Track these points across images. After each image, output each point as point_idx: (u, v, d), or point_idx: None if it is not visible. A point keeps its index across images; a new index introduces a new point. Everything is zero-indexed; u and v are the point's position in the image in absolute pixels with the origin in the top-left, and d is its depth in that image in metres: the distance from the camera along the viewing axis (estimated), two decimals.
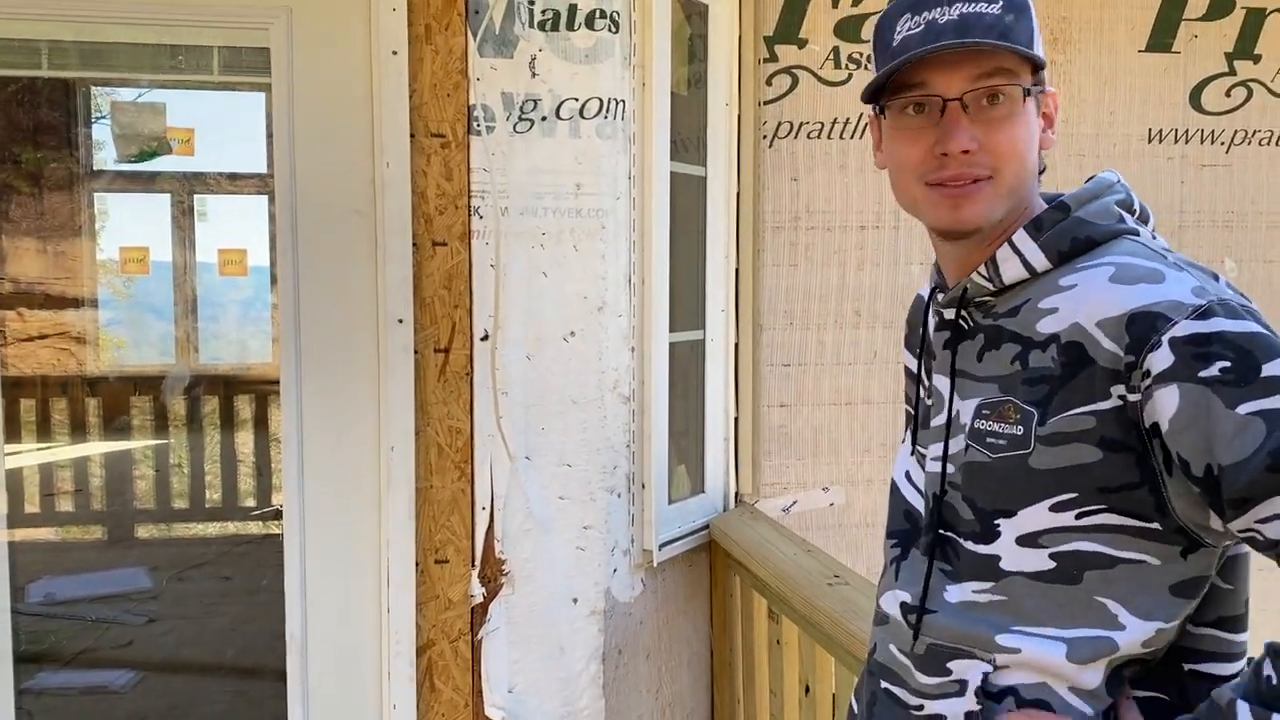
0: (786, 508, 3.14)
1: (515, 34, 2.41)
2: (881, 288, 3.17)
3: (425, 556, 2.45)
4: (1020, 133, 1.09)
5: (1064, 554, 1.06)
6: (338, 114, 2.41)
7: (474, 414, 2.45)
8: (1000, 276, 1.11)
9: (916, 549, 1.21)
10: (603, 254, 2.51)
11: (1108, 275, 1.03)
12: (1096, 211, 1.10)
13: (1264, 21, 3.33)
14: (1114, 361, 1.00)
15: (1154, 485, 1.01)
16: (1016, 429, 1.07)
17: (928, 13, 1.08)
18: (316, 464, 2.46)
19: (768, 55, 3.04)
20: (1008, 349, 1.10)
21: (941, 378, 1.18)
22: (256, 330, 8.82)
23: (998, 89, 1.07)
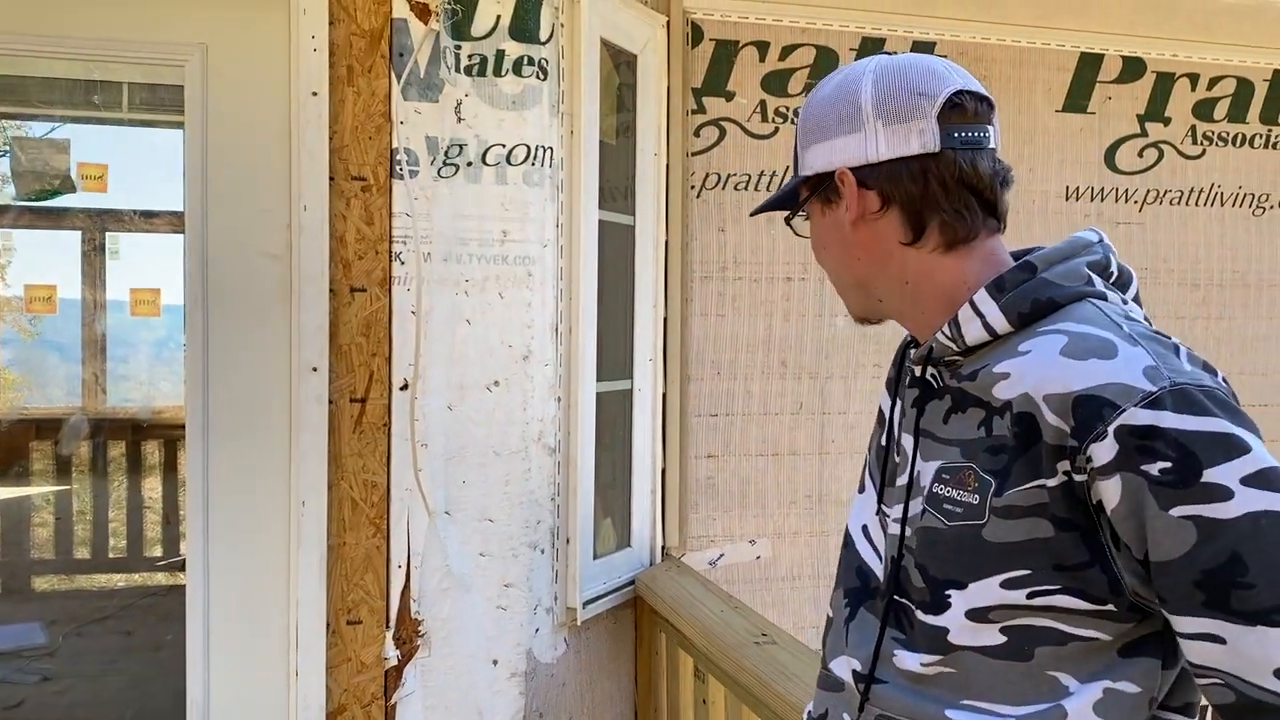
0: (714, 561, 3.09)
1: (441, 78, 2.36)
2: (807, 339, 3.17)
3: (337, 617, 2.34)
4: (816, 246, 1.21)
5: (1015, 629, 1.02)
6: (254, 154, 2.33)
7: (391, 467, 2.36)
8: (963, 337, 1.08)
9: (867, 610, 1.17)
10: (529, 302, 2.45)
11: (1059, 346, 0.99)
12: (1063, 273, 1.06)
13: (1172, 86, 3.44)
14: (1059, 439, 0.96)
15: (1105, 564, 0.97)
16: (973, 498, 1.03)
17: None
18: (223, 518, 2.34)
19: (695, 107, 3.04)
20: (973, 413, 1.06)
21: (907, 436, 1.15)
22: (169, 372, 8.54)
23: (789, 222, 1.23)
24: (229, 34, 2.32)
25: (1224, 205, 3.52)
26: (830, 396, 3.18)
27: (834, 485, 3.20)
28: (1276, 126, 3.55)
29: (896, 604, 1.12)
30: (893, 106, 1.09)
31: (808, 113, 1.17)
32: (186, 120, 2.32)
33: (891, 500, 1.16)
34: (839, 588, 1.26)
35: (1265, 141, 3.54)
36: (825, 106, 1.14)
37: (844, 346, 3.19)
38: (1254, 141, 3.54)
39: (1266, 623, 0.87)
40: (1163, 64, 3.42)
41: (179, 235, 7.76)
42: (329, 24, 2.28)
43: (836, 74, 1.17)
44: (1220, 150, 3.50)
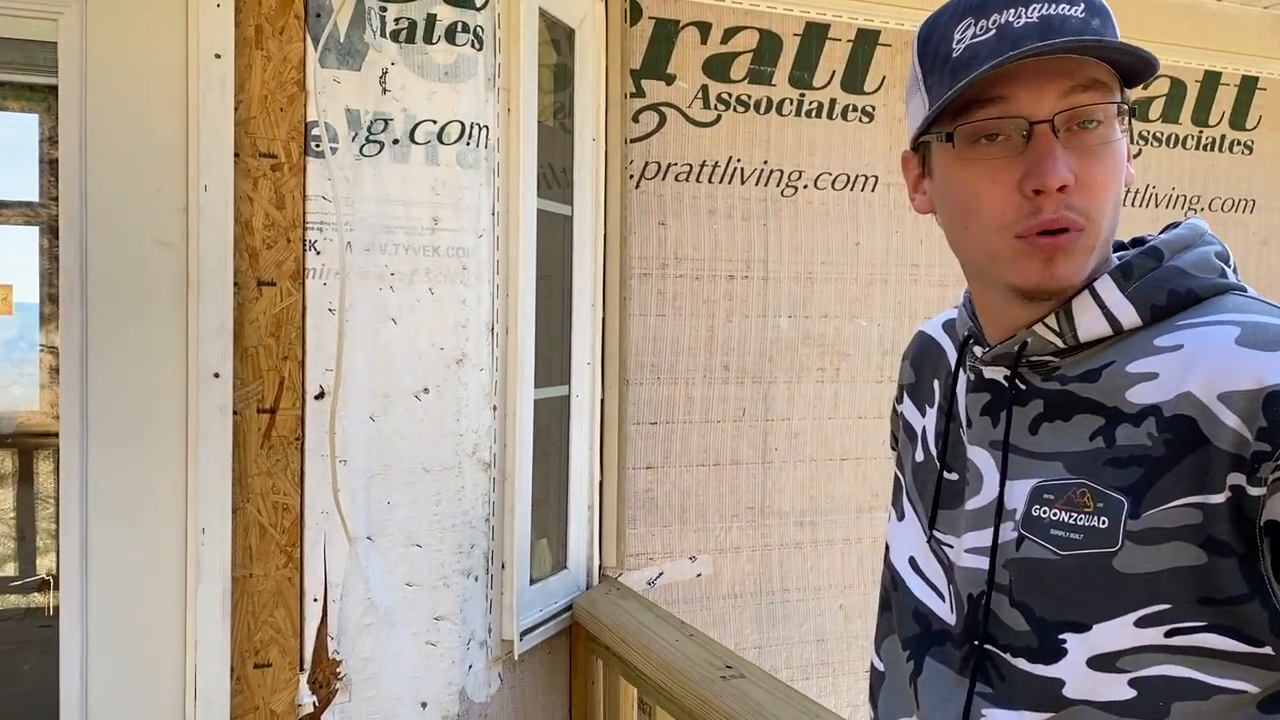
0: (652, 580, 2.86)
1: (364, 43, 2.08)
2: (751, 341, 2.98)
3: (243, 660, 2.03)
4: (1117, 168, 0.87)
5: (1148, 680, 0.83)
6: (144, 125, 2.00)
7: (305, 487, 2.06)
8: (1075, 332, 0.88)
9: (935, 659, 0.96)
10: (463, 299, 2.18)
11: (1233, 336, 0.81)
12: (1196, 262, 0.88)
13: None
14: (1238, 445, 0.78)
15: (1265, 597, 0.79)
16: (1098, 520, 0.84)
17: (998, 15, 0.85)
18: (106, 546, 2.00)
19: (634, 90, 2.81)
20: (1082, 421, 0.87)
21: (981, 450, 0.94)
22: (20, 374, 7.91)
23: (1097, 107, 0.85)
24: None
25: (1158, 206, 3.49)
26: (774, 402, 3.00)
27: (777, 496, 3.01)
28: (1207, 128, 3.53)
29: (982, 651, 0.92)
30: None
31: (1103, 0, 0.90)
32: (61, 83, 1.97)
33: (956, 527, 0.96)
34: (892, 635, 1.05)
35: (1196, 143, 3.52)
36: (1103, 3, 0.90)
37: (787, 349, 3.01)
38: (1186, 142, 3.51)
39: None
40: None
41: (32, 227, 7.13)
42: None
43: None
44: (1155, 150, 3.46)
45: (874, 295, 3.07)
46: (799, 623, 3.04)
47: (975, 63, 0.85)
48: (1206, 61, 3.49)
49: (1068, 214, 0.84)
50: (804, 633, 3.04)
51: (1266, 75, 3.58)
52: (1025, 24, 0.84)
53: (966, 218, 0.89)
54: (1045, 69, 0.84)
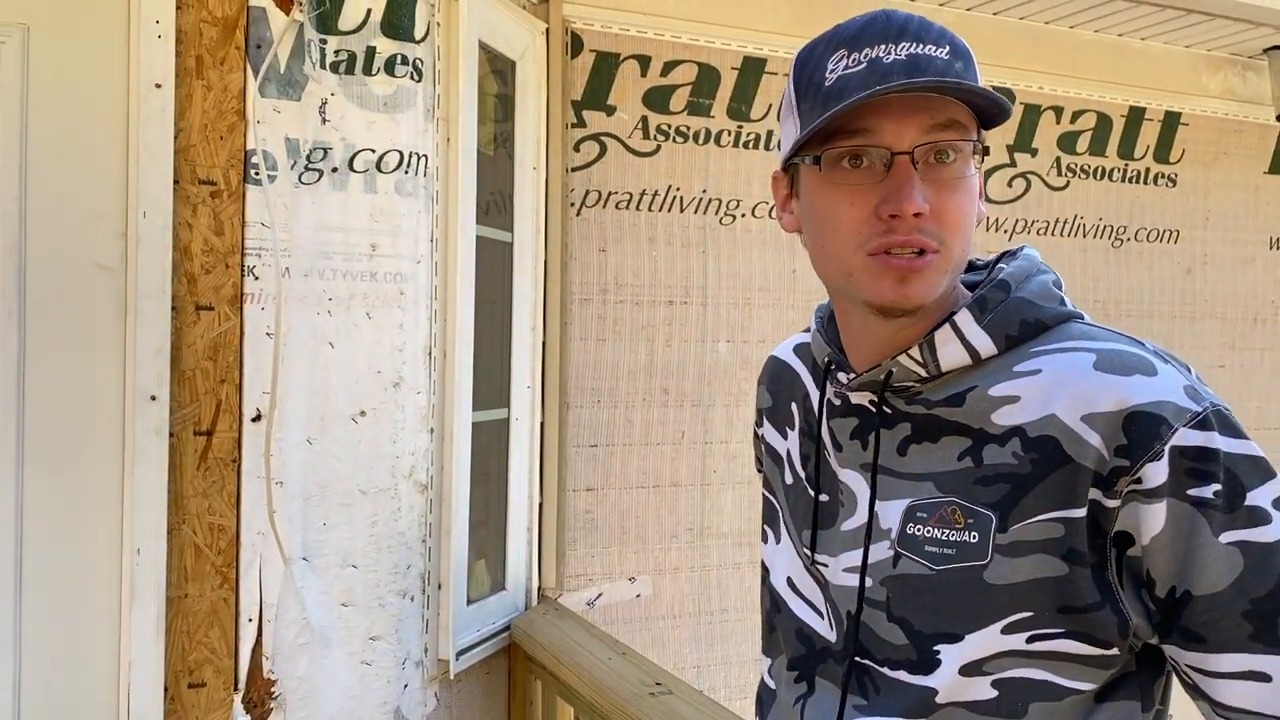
0: (591, 601, 2.91)
1: (304, 74, 2.13)
2: (689, 365, 3.04)
3: (177, 680, 2.05)
4: (970, 200, 0.93)
5: (1007, 682, 0.89)
6: (85, 152, 2.04)
7: (241, 508, 2.09)
8: (937, 361, 0.95)
9: (822, 677, 1.02)
10: (401, 323, 2.23)
11: (1090, 362, 0.88)
12: (1038, 292, 0.95)
13: (1039, 118, 3.51)
14: (1099, 462, 0.85)
15: (1114, 604, 0.86)
16: (968, 535, 0.90)
17: (870, 50, 0.90)
18: (40, 568, 2.02)
19: (575, 120, 2.88)
20: (950, 442, 0.93)
21: (853, 473, 1.00)
22: None
23: (951, 143, 0.91)
24: (56, 14, 2.03)
25: (1085, 236, 3.61)
26: (712, 424, 3.07)
27: (716, 517, 3.07)
28: (1133, 161, 3.66)
29: (857, 665, 0.98)
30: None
31: (965, 43, 0.95)
32: (2, 111, 2.00)
33: (832, 547, 1.02)
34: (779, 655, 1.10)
35: (1122, 175, 3.65)
36: (967, 48, 0.95)
37: (726, 373, 3.08)
38: (1112, 175, 3.64)
39: None
40: (1030, 95, 3.48)
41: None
42: (176, 8, 2.02)
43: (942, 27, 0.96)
44: (1082, 182, 3.59)
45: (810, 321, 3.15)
46: (737, 642, 3.09)
47: (845, 93, 0.90)
48: (1132, 98, 3.63)
49: (921, 237, 0.90)
50: (742, 652, 3.09)
51: (1189, 111, 3.73)
52: (894, 60, 0.90)
53: (826, 236, 0.95)
54: (909, 105, 0.90)
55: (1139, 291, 3.69)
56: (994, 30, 3.38)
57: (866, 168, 0.91)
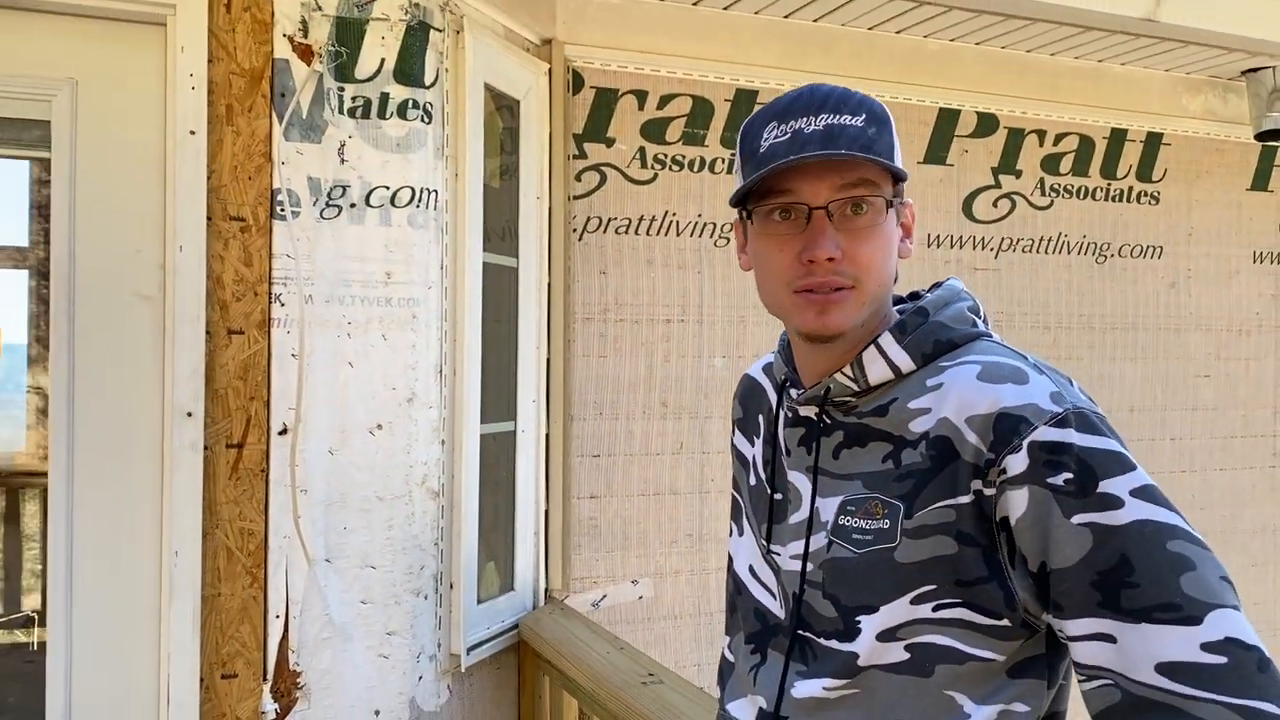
0: (596, 602, 3.10)
1: (324, 119, 2.34)
2: (687, 379, 3.23)
3: (211, 671, 2.26)
4: (880, 244, 1.11)
5: (918, 645, 1.07)
6: (127, 192, 2.26)
7: (269, 514, 2.30)
8: (866, 377, 1.13)
9: (773, 649, 1.20)
10: (413, 344, 2.43)
11: (975, 373, 1.07)
12: (953, 316, 1.14)
13: (1023, 141, 3.68)
14: (976, 457, 1.03)
15: (1001, 580, 1.04)
16: (883, 523, 1.08)
17: (795, 121, 1.09)
18: (89, 571, 2.24)
19: (577, 152, 3.09)
20: (876, 447, 1.12)
21: (799, 474, 1.19)
22: (4, 416, 8.06)
23: (861, 199, 1.09)
24: (100, 69, 2.25)
25: (1070, 253, 3.77)
26: (709, 435, 3.25)
27: (714, 523, 3.25)
28: (1115, 180, 3.82)
29: (800, 638, 1.16)
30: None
31: (884, 110, 1.13)
32: (54, 156, 2.23)
33: (784, 538, 1.20)
34: (739, 632, 1.29)
35: (1105, 194, 3.81)
36: (885, 114, 1.14)
37: (721, 386, 3.27)
38: (1095, 194, 3.80)
39: (1149, 620, 0.95)
40: (1014, 120, 3.65)
41: (20, 270, 7.35)
42: (208, 61, 2.24)
43: (867, 96, 1.16)
44: (1066, 201, 3.75)
45: None
46: None
47: (772, 159, 1.09)
48: (1114, 120, 3.80)
49: (835, 278, 1.09)
50: None
51: (1170, 131, 3.89)
52: (812, 130, 1.09)
53: (764, 276, 1.15)
54: (824, 167, 1.08)
55: (1124, 305, 3.85)
56: (978, 59, 3.55)
57: (793, 220, 1.10)
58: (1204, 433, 3.97)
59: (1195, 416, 3.95)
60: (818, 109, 1.11)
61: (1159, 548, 0.97)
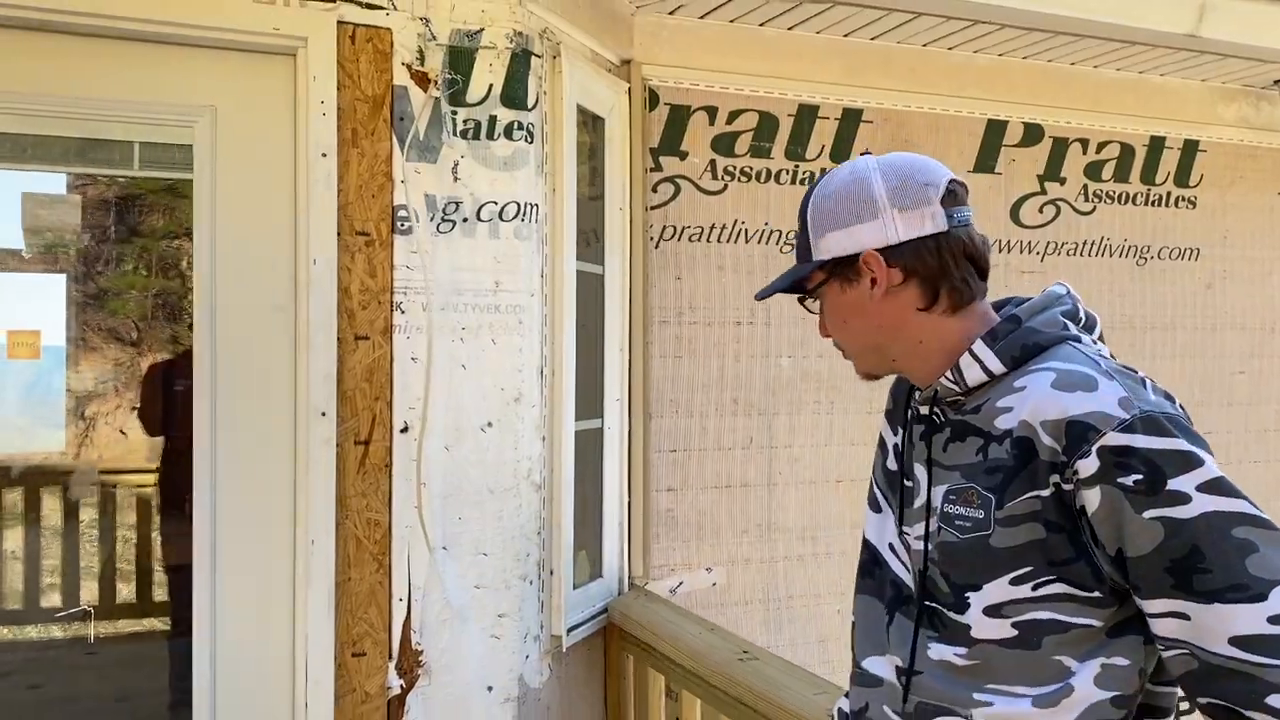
0: (674, 589, 3.29)
1: (440, 141, 2.54)
2: (756, 378, 3.42)
3: (343, 650, 2.45)
4: (838, 316, 1.39)
5: (1024, 623, 1.25)
6: (261, 211, 2.45)
7: (392, 505, 2.50)
8: (964, 379, 1.32)
9: (902, 615, 1.39)
10: (520, 347, 2.63)
11: (1050, 380, 1.24)
12: (1044, 321, 1.32)
13: (1067, 149, 3.86)
14: (1053, 456, 1.20)
15: (1088, 558, 1.21)
16: (978, 513, 1.27)
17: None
18: (231, 557, 2.43)
19: (653, 165, 3.28)
20: (972, 441, 1.30)
21: (920, 466, 1.38)
22: (36, 419, 8.25)
23: (807, 302, 1.43)
24: (237, 97, 2.45)
25: (1112, 256, 3.95)
26: (777, 431, 3.44)
27: (781, 515, 3.45)
28: (1154, 186, 4.00)
29: (928, 608, 1.35)
30: (906, 196, 1.34)
31: (817, 207, 1.38)
32: (195, 178, 2.43)
33: (910, 521, 1.39)
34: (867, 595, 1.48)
35: (1145, 199, 3.99)
36: (837, 201, 1.36)
37: (788, 385, 3.45)
38: (1135, 199, 3.98)
39: (1220, 600, 1.12)
40: (1059, 130, 3.84)
41: (59, 275, 7.48)
42: (337, 89, 2.43)
43: (838, 173, 1.40)
44: (1108, 207, 3.93)
45: None
46: (802, 626, 3.46)
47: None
48: (1153, 128, 3.97)
49: (837, 346, 1.44)
50: (807, 635, 3.46)
51: (1206, 139, 4.06)
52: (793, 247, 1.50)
53: None
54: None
55: (1162, 306, 4.02)
56: (1025, 72, 3.73)
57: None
58: (1239, 426, 4.14)
59: (1231, 411, 4.13)
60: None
61: (1225, 536, 1.12)
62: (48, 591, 6.19)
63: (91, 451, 7.85)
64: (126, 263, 7.28)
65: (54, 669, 5.57)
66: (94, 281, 7.37)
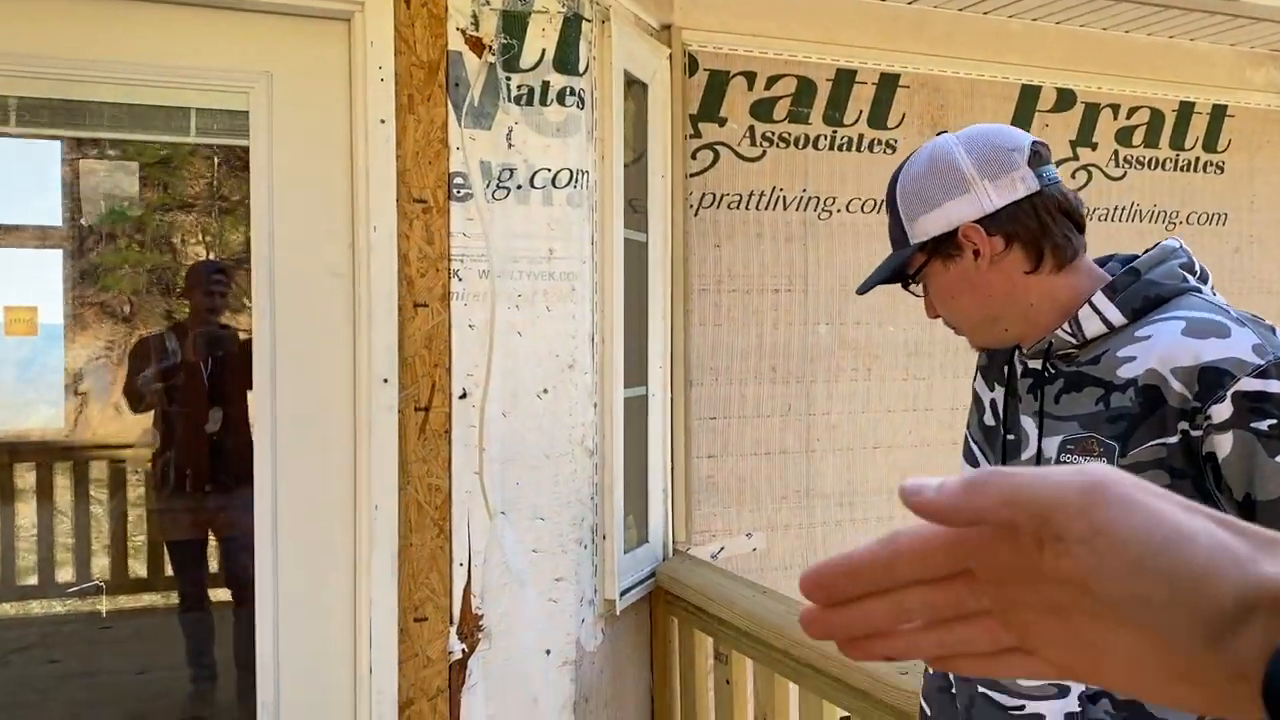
0: (715, 554, 3.31)
1: (494, 107, 2.53)
2: (794, 346, 3.43)
3: (405, 615, 2.47)
4: (945, 294, 1.43)
5: None
6: (317, 178, 2.45)
7: (452, 471, 2.51)
8: (1082, 332, 1.34)
9: None
10: (573, 314, 2.63)
11: (1180, 328, 1.26)
12: (1163, 273, 1.34)
13: (1098, 115, 3.86)
14: (1183, 403, 1.22)
15: (1213, 505, 1.24)
16: (1100, 460, 1.29)
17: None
18: (291, 523, 2.44)
19: (693, 132, 3.27)
20: (1090, 391, 1.32)
21: (1028, 419, 1.40)
22: (43, 395, 8.23)
23: (912, 286, 1.46)
24: (293, 63, 2.43)
25: (1141, 221, 3.96)
26: (815, 399, 3.46)
27: (819, 481, 3.47)
28: (1183, 151, 4.01)
29: None
30: (993, 165, 1.36)
31: (906, 191, 1.42)
32: (251, 145, 2.42)
33: None
34: None
35: (1174, 165, 4.00)
36: (924, 182, 1.40)
37: (825, 353, 3.47)
38: (1165, 165, 3.99)
39: None
40: (1090, 95, 3.84)
41: (55, 251, 7.41)
42: (394, 55, 2.42)
43: (919, 156, 1.44)
44: (1138, 172, 3.94)
45: (899, 305, 3.53)
46: None
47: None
48: (1182, 93, 3.98)
49: (948, 323, 1.47)
50: None
51: (1234, 104, 4.07)
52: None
53: None
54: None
55: None
56: (1058, 37, 3.73)
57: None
58: None
59: None
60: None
61: None
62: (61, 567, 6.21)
63: (90, 429, 7.84)
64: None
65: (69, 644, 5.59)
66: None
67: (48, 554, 6.16)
